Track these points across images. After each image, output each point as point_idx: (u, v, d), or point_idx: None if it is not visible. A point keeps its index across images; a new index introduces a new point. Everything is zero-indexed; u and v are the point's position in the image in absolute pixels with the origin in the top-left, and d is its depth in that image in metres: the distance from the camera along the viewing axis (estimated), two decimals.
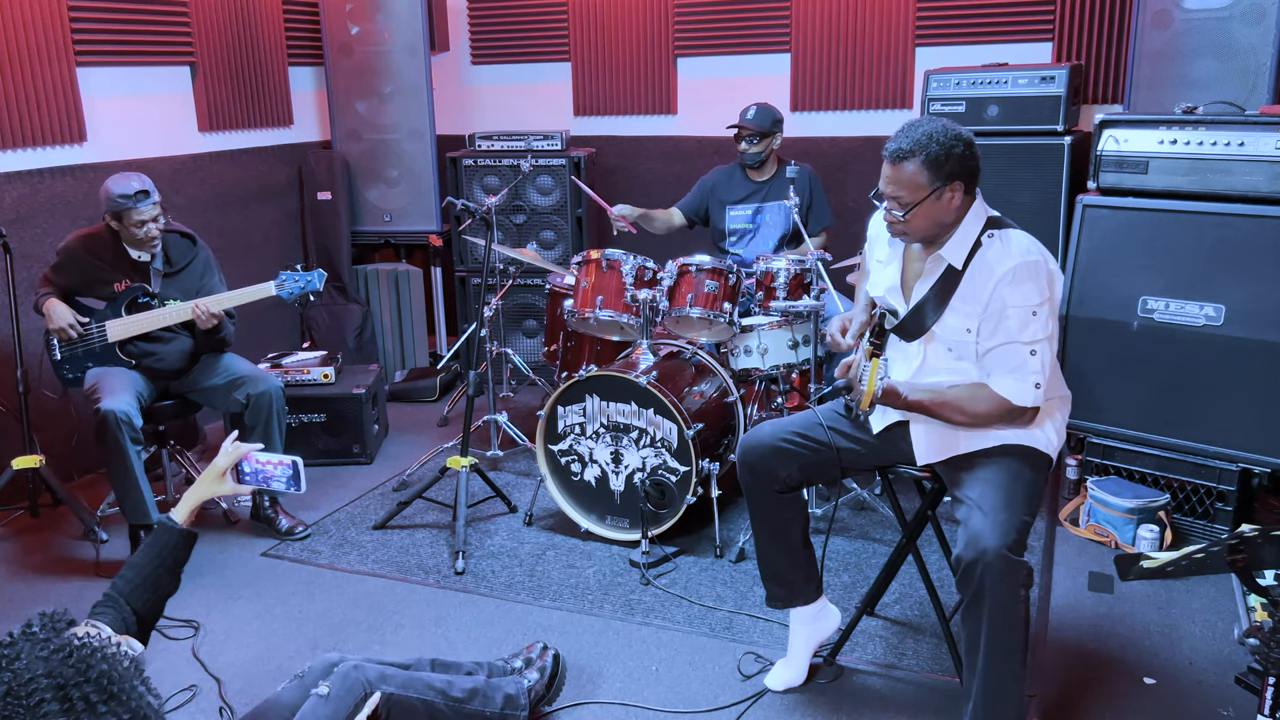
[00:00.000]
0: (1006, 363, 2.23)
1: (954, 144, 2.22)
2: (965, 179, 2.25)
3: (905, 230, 2.30)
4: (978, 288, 2.25)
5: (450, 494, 3.58)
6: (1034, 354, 2.21)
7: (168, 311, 3.43)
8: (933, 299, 2.33)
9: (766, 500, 2.53)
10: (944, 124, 2.25)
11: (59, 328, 3.37)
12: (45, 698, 1.29)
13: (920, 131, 2.23)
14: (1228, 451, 3.22)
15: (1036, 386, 2.22)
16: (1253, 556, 1.88)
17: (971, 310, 2.27)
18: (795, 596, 2.63)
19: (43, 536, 3.62)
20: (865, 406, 2.16)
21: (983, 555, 2.09)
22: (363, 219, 5.32)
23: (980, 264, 2.27)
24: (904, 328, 2.39)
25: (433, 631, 2.94)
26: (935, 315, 2.32)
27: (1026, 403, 2.22)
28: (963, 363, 2.33)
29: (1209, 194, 3.25)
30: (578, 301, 3.60)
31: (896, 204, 2.26)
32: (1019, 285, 2.20)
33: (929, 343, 2.37)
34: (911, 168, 2.22)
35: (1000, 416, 2.24)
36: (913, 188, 2.23)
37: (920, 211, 2.24)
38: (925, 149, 2.20)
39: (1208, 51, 3.61)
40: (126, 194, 3.30)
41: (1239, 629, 2.81)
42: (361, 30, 5.07)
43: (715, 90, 5.06)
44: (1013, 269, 2.21)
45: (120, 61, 4.23)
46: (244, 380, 3.47)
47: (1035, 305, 2.20)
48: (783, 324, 3.50)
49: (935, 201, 2.23)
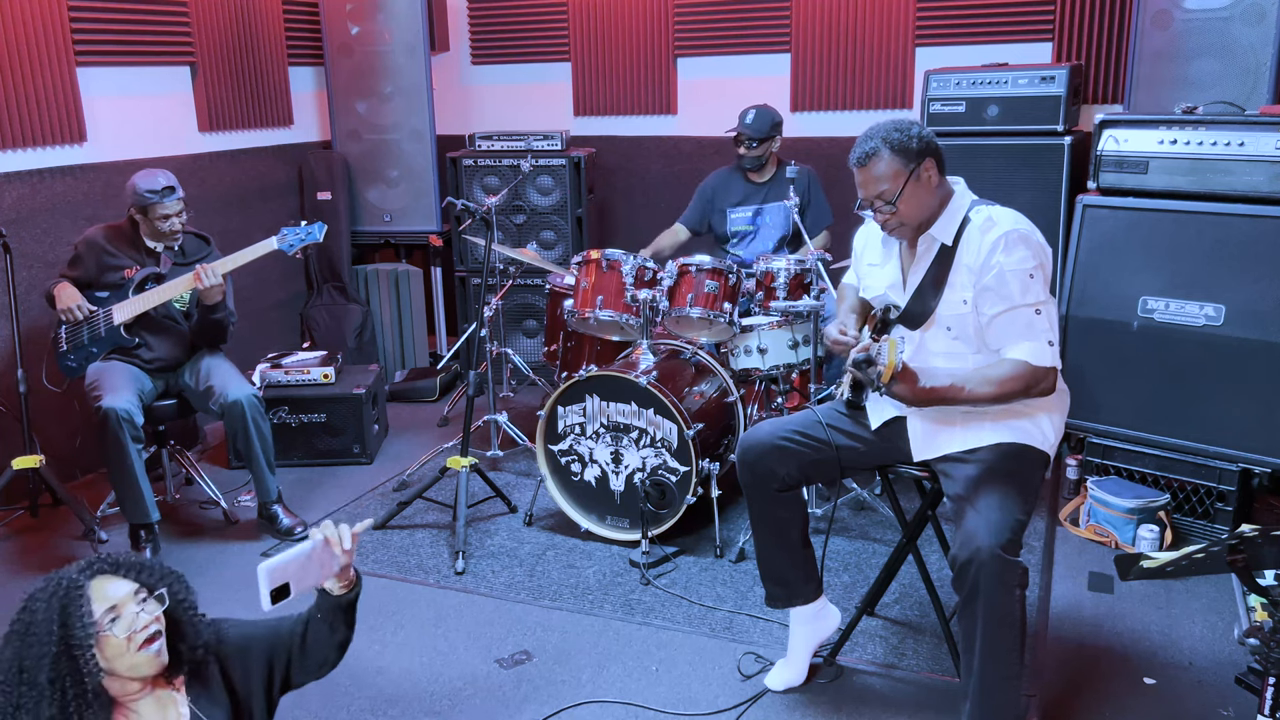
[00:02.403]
0: (1015, 326, 2.25)
1: (909, 126, 2.32)
2: (934, 154, 2.32)
3: (900, 221, 2.34)
4: (969, 259, 2.30)
5: (450, 494, 3.58)
6: (1039, 313, 2.24)
7: (169, 286, 3.45)
8: (930, 280, 2.36)
9: (766, 499, 2.53)
10: (893, 120, 2.36)
11: (66, 306, 3.38)
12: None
13: (875, 129, 2.34)
14: (1228, 451, 3.22)
15: (1050, 344, 2.23)
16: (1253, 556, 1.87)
17: (965, 281, 2.30)
18: (795, 596, 2.63)
19: (43, 536, 3.62)
20: (886, 380, 2.15)
21: (976, 555, 2.09)
22: (363, 219, 5.32)
23: (970, 236, 2.31)
24: (909, 316, 2.41)
25: (433, 631, 2.94)
26: (935, 295, 2.35)
27: (1045, 362, 2.23)
28: (958, 343, 2.35)
29: (1209, 194, 3.25)
30: (578, 301, 3.60)
31: (882, 199, 2.31)
32: (1012, 250, 2.25)
33: (927, 328, 2.39)
34: (883, 162, 2.29)
35: (1023, 381, 2.23)
36: (890, 177, 2.29)
37: (907, 196, 2.29)
38: (887, 140, 2.30)
39: (1208, 51, 3.61)
40: (154, 189, 3.37)
41: (1239, 629, 2.81)
42: (361, 30, 5.08)
43: (715, 90, 5.06)
44: (1003, 235, 2.26)
45: (120, 61, 4.23)
46: (217, 388, 3.48)
47: (1031, 268, 2.24)
48: (783, 324, 3.50)
49: (916, 183, 2.30)
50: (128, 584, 1.80)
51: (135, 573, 1.82)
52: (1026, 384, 2.24)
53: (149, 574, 1.83)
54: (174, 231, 3.46)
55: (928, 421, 2.38)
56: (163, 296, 3.45)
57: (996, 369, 2.26)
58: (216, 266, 3.42)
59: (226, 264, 3.45)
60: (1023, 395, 2.26)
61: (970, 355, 2.35)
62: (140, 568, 1.84)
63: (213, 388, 3.48)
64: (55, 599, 1.76)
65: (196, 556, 3.43)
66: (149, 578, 1.82)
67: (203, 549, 3.52)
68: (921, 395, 2.25)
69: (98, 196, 4.06)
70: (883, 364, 2.13)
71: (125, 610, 1.76)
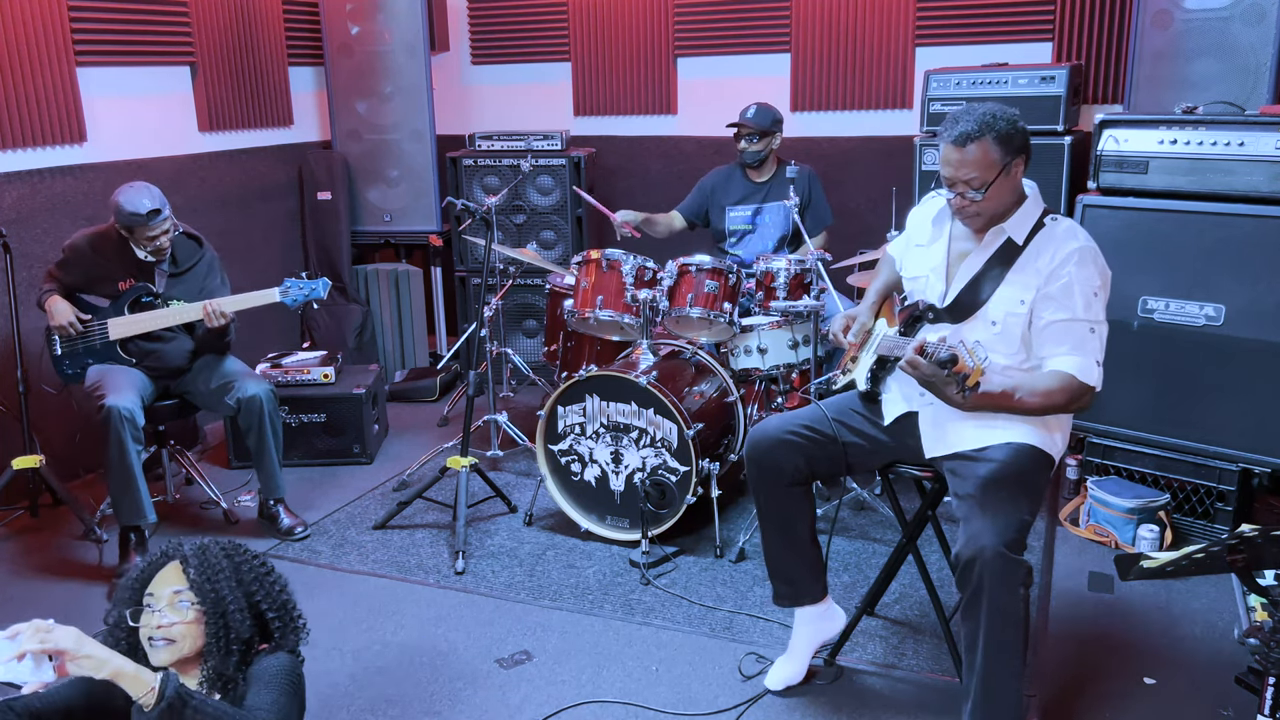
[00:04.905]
0: (1069, 338, 2.24)
1: (1015, 118, 2.29)
2: (1028, 152, 2.31)
3: (979, 211, 2.31)
4: (1041, 263, 2.29)
5: (450, 494, 3.58)
6: (1093, 332, 2.24)
7: (169, 312, 3.43)
8: (989, 271, 2.35)
9: (774, 494, 2.52)
10: (997, 105, 2.30)
11: (59, 325, 3.37)
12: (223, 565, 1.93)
13: (980, 112, 2.27)
14: (1228, 451, 3.22)
15: (1098, 364, 2.24)
16: (1253, 556, 1.87)
17: (1029, 283, 2.29)
18: (802, 595, 2.62)
19: (43, 536, 3.62)
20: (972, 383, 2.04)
21: (981, 553, 2.09)
22: (363, 219, 5.32)
23: (1046, 240, 2.31)
24: (957, 306, 2.39)
25: (433, 631, 2.95)
26: (992, 287, 2.33)
27: (1091, 380, 2.23)
28: (999, 340, 2.32)
29: (1209, 194, 3.24)
30: (578, 301, 3.60)
31: (970, 186, 2.27)
32: (1085, 266, 2.26)
33: (967, 321, 2.37)
34: (982, 147, 2.24)
35: (1068, 395, 2.22)
36: (986, 166, 2.25)
37: (995, 188, 2.27)
38: (992, 127, 2.24)
39: (1208, 51, 3.61)
40: (138, 213, 3.29)
41: (1239, 629, 2.81)
42: (361, 30, 5.07)
43: (715, 90, 5.06)
44: (1079, 249, 2.27)
45: (120, 61, 4.22)
46: (234, 384, 3.47)
47: (1097, 288, 2.26)
48: (783, 324, 3.51)
49: (1007, 177, 2.28)
50: (180, 582, 1.90)
51: (204, 577, 1.90)
52: (1070, 398, 2.23)
53: (212, 584, 1.90)
54: (162, 250, 3.41)
55: (940, 417, 2.37)
56: (158, 323, 3.43)
57: (1044, 380, 2.24)
58: (224, 305, 3.40)
59: (234, 303, 3.43)
60: (1063, 409, 2.26)
61: (1007, 356, 2.33)
62: (213, 575, 1.91)
63: (228, 385, 3.47)
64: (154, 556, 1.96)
65: None
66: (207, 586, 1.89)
67: None
68: (976, 399, 2.17)
69: (98, 196, 4.05)
70: (970, 366, 2.02)
71: (155, 603, 1.87)
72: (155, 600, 1.89)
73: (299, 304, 3.50)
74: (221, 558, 1.96)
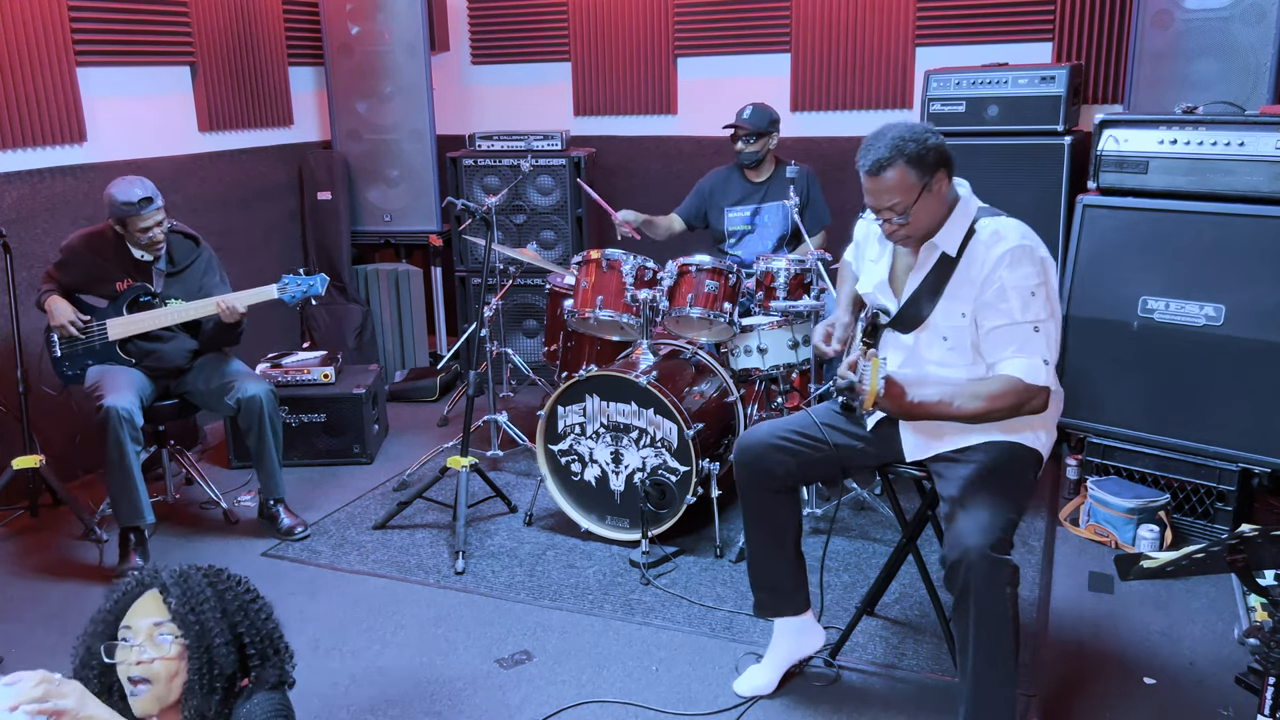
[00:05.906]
0: (1011, 342, 2.21)
1: (926, 135, 2.24)
2: (946, 164, 2.27)
3: (909, 233, 2.30)
4: (973, 273, 2.27)
5: (450, 494, 3.58)
6: (1037, 331, 2.21)
7: (168, 312, 3.43)
8: (927, 288, 2.34)
9: (763, 500, 2.52)
10: (905, 123, 2.28)
11: (59, 324, 3.38)
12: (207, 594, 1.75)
13: (890, 137, 2.23)
14: (1228, 451, 3.22)
15: (1045, 363, 2.20)
16: (1253, 556, 1.87)
17: (967, 295, 2.27)
18: (783, 605, 2.61)
19: (43, 536, 3.62)
20: (868, 406, 2.16)
21: (965, 555, 2.09)
22: (363, 219, 5.32)
23: (975, 249, 2.28)
24: (901, 319, 2.40)
25: (433, 631, 2.95)
26: (931, 303, 2.33)
27: (1038, 380, 2.19)
28: (953, 354, 2.33)
29: (1209, 194, 3.25)
30: (578, 301, 3.60)
31: (894, 211, 2.26)
32: (1017, 267, 2.22)
33: (921, 331, 2.37)
34: (898, 173, 2.22)
35: (1014, 397, 2.19)
36: (904, 190, 2.23)
37: (919, 210, 2.25)
38: (903, 151, 2.21)
39: (1208, 51, 3.61)
40: (130, 201, 3.30)
41: (1239, 629, 2.81)
42: (361, 30, 5.07)
43: (715, 90, 5.06)
44: (1009, 251, 2.23)
45: (120, 61, 4.22)
46: (234, 384, 3.47)
47: (1034, 286, 2.21)
48: (783, 324, 3.51)
49: (930, 195, 2.25)
50: (160, 613, 1.70)
51: (186, 608, 1.71)
52: (1017, 401, 2.20)
53: (196, 614, 1.71)
54: (156, 242, 3.40)
55: (919, 423, 2.38)
56: (157, 322, 3.43)
57: (986, 384, 2.22)
58: (234, 301, 3.40)
59: (244, 298, 3.43)
60: (1012, 413, 2.22)
61: (965, 367, 2.32)
62: (197, 604, 1.72)
63: (228, 384, 3.47)
64: (129, 585, 1.76)
65: (196, 557, 3.42)
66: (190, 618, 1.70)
67: (203, 549, 3.51)
68: (908, 410, 2.24)
69: (98, 197, 4.03)
70: (865, 390, 2.13)
71: (133, 637, 1.69)
72: (133, 634, 1.70)
73: (297, 300, 3.50)
74: (204, 585, 1.77)
